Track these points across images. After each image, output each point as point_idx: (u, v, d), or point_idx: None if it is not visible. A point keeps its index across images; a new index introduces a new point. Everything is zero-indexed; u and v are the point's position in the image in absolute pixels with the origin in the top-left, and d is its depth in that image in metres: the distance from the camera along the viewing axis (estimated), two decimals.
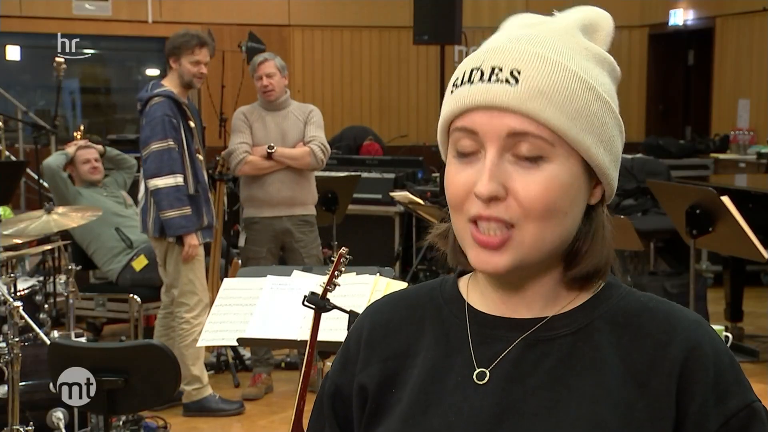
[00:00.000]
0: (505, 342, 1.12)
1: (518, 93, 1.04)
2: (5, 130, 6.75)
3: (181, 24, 10.80)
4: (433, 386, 1.14)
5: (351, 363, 1.21)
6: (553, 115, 1.04)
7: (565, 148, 1.06)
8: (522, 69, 1.05)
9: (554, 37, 1.10)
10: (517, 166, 1.06)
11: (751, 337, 6.38)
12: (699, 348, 1.09)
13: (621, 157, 1.14)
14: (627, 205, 7.19)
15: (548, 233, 1.07)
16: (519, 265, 1.08)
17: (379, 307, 1.25)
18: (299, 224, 5.37)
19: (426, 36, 7.00)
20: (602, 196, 1.13)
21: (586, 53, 1.10)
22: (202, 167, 5.00)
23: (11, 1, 10.07)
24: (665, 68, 11.35)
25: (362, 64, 11.42)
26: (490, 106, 1.05)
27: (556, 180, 1.05)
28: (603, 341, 1.10)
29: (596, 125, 1.07)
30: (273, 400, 5.35)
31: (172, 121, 4.80)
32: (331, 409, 1.22)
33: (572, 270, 1.12)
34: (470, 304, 1.17)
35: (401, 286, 2.98)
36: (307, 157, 5.25)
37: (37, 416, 3.90)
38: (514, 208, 1.05)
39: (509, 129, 1.05)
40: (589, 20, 1.13)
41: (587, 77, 1.07)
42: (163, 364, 3.30)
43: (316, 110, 5.43)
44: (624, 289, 1.16)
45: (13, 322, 3.69)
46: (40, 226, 4.37)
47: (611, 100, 1.10)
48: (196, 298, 4.97)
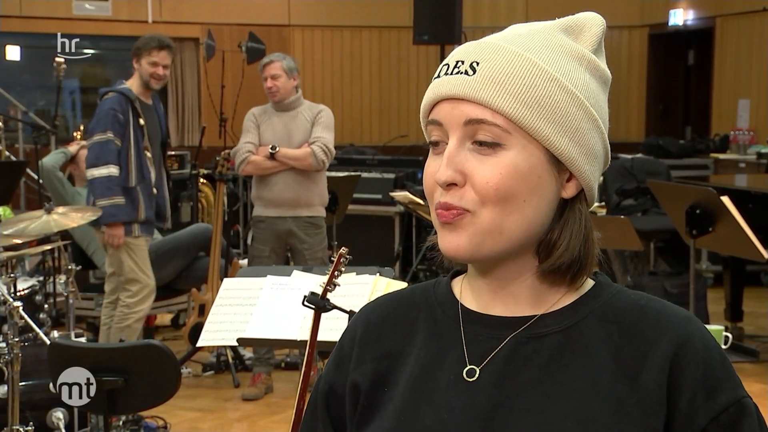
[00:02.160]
0: (496, 340, 1.14)
1: (474, 82, 1.09)
2: (5, 130, 6.75)
3: (181, 24, 10.84)
4: (425, 384, 1.15)
5: (345, 362, 1.22)
6: (507, 102, 1.07)
7: (523, 136, 1.08)
8: (480, 60, 1.10)
9: (528, 34, 1.13)
10: (476, 153, 1.09)
11: (751, 337, 6.38)
12: (689, 343, 1.10)
13: (605, 157, 1.15)
14: (627, 205, 7.19)
15: (506, 219, 1.09)
16: (480, 248, 1.09)
17: (373, 307, 1.26)
18: (304, 226, 5.33)
19: (426, 36, 7.01)
20: (581, 192, 1.14)
21: (559, 49, 1.12)
22: (149, 164, 5.14)
23: (11, 1, 10.07)
24: (665, 68, 11.35)
25: (362, 64, 11.42)
26: (451, 96, 1.10)
27: (512, 167, 1.08)
28: (593, 338, 1.12)
29: (558, 115, 1.09)
30: (273, 400, 5.36)
31: (118, 115, 5.02)
32: (325, 408, 1.23)
33: (544, 262, 1.13)
34: (462, 304, 1.18)
35: (401, 286, 2.98)
36: (309, 158, 5.23)
37: (37, 416, 3.90)
38: (469, 195, 1.09)
39: (466, 117, 1.09)
40: (574, 22, 1.15)
41: (552, 70, 1.09)
42: (163, 364, 3.30)
43: (326, 111, 5.39)
44: (615, 288, 1.17)
45: (13, 322, 3.69)
46: (40, 226, 4.37)
47: (583, 96, 1.11)
48: (138, 285, 5.19)
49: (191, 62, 11.23)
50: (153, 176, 5.16)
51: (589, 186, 1.13)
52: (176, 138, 11.24)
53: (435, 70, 1.15)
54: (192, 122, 11.30)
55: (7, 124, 6.91)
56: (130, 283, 5.18)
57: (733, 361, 1.28)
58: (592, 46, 1.14)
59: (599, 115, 1.12)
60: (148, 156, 5.14)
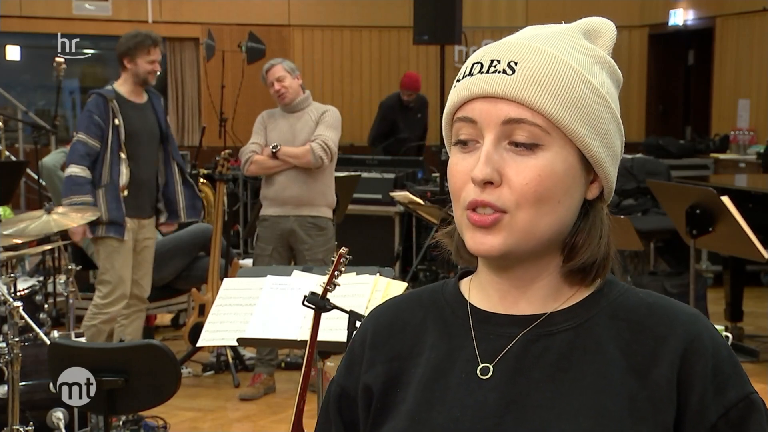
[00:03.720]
0: (507, 338, 1.15)
1: (514, 81, 1.09)
2: (5, 130, 6.75)
3: (181, 24, 10.85)
4: (437, 384, 1.16)
5: (356, 365, 1.23)
6: (548, 102, 1.08)
7: (560, 137, 1.09)
8: (519, 60, 1.10)
9: (554, 36, 1.14)
10: (513, 153, 1.09)
11: (751, 337, 6.39)
12: (698, 340, 1.11)
13: (620, 158, 1.17)
14: (627, 205, 7.19)
15: (540, 220, 1.09)
16: (512, 248, 1.10)
17: (382, 310, 1.27)
18: (307, 226, 5.30)
19: (426, 36, 7.00)
20: (601, 193, 1.16)
21: (585, 52, 1.14)
22: (123, 165, 5.11)
23: (11, 1, 10.08)
24: (665, 68, 11.35)
25: (362, 64, 11.42)
26: (488, 94, 1.10)
27: (550, 167, 1.09)
28: (603, 335, 1.13)
29: (591, 117, 1.10)
30: (273, 400, 5.35)
31: (93, 117, 5.06)
32: (338, 412, 1.24)
33: (569, 262, 1.14)
34: (472, 303, 1.19)
35: (401, 286, 2.98)
36: (307, 155, 5.21)
37: (37, 416, 3.90)
38: (506, 195, 1.09)
39: (505, 116, 1.09)
40: (591, 26, 1.17)
41: (584, 71, 1.11)
42: (163, 364, 3.30)
43: (332, 110, 5.39)
44: (623, 286, 1.18)
45: (13, 322, 3.69)
46: (40, 226, 4.36)
47: (610, 98, 1.13)
48: (109, 286, 5.15)
49: (191, 62, 11.23)
50: (125, 177, 5.10)
51: (610, 188, 1.16)
52: (176, 138, 11.22)
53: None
54: (192, 122, 11.30)
55: (7, 124, 6.91)
56: (101, 284, 5.16)
57: None
58: (609, 50, 1.17)
59: (619, 117, 1.15)
60: (122, 157, 5.10)
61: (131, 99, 5.19)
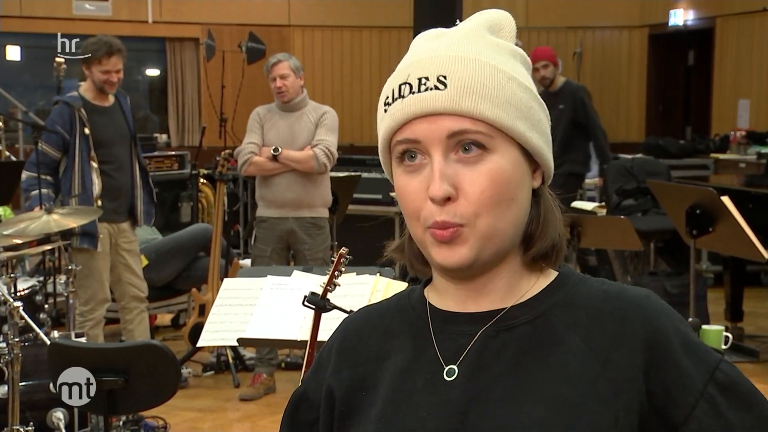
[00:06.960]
0: (468, 336, 1.17)
1: (449, 95, 1.11)
2: (5, 130, 6.74)
3: (181, 24, 10.85)
4: (404, 386, 1.18)
5: (322, 368, 1.27)
6: (486, 108, 1.11)
7: (502, 138, 1.12)
8: (447, 73, 1.12)
9: (465, 39, 1.16)
10: (462, 164, 1.11)
11: (751, 337, 6.39)
12: (657, 319, 1.13)
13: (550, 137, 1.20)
14: (627, 205, 7.19)
15: (500, 221, 1.12)
16: (479, 255, 1.13)
17: (354, 317, 1.31)
18: (306, 227, 5.32)
19: None
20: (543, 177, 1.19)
21: (500, 49, 1.16)
22: (95, 175, 5.05)
23: (11, 1, 10.08)
24: (665, 68, 11.36)
25: (362, 64, 11.42)
26: (427, 113, 1.11)
27: (500, 169, 1.11)
28: (561, 325, 1.15)
29: (524, 111, 1.14)
30: (273, 400, 5.35)
31: (56, 127, 5.01)
32: (295, 410, 1.28)
33: (530, 251, 1.17)
34: (432, 304, 1.22)
35: (401, 286, 2.98)
36: (311, 161, 5.21)
37: (37, 416, 3.90)
38: (464, 208, 1.11)
39: (448, 130, 1.11)
40: (492, 21, 1.20)
41: (507, 69, 1.14)
42: (163, 364, 3.30)
43: (331, 112, 5.38)
44: (577, 276, 1.21)
45: (13, 322, 3.69)
46: (40, 226, 4.36)
47: (532, 87, 1.17)
48: (88, 292, 5.14)
49: (191, 62, 11.24)
50: (97, 188, 5.05)
51: (550, 172, 1.19)
52: (176, 138, 11.24)
53: None
54: (192, 122, 11.30)
55: (7, 124, 6.91)
56: (81, 289, 5.08)
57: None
58: (513, 40, 1.20)
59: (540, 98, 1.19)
60: (94, 166, 5.05)
61: (97, 103, 5.13)
